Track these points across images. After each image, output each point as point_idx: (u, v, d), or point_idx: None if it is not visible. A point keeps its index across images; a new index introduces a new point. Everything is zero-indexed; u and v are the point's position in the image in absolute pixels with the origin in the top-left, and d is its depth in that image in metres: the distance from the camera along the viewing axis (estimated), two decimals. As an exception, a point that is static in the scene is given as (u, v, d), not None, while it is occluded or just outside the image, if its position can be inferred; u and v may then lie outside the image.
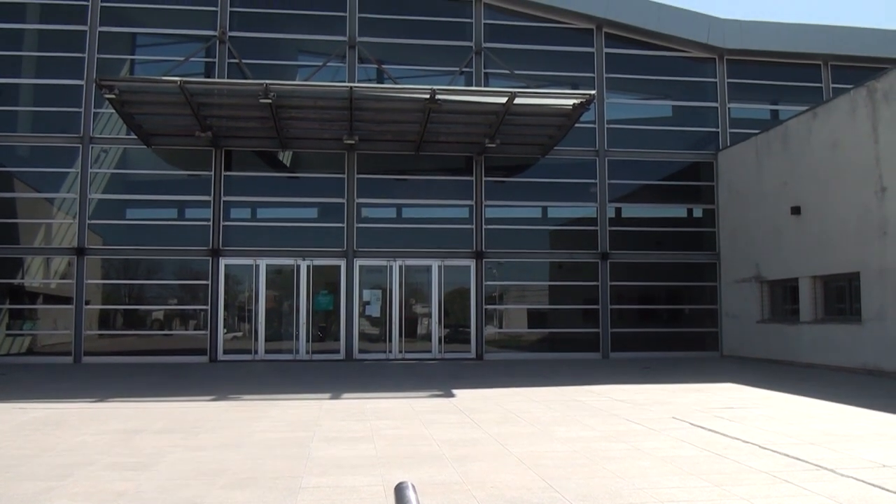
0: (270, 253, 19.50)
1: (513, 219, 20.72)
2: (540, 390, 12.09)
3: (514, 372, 15.84)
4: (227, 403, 10.65)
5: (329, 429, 8.12)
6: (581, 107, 17.39)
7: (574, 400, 10.76)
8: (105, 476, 5.89)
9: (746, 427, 8.17)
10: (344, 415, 9.22)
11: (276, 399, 11.09)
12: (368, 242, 19.81)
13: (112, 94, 16.08)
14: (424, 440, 7.40)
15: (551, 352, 20.21)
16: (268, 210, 20.29)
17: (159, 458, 6.56)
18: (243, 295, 19.60)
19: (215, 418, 8.98)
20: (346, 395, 11.61)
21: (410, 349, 19.67)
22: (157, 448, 7.07)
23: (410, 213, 20.61)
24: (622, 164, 20.82)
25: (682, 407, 9.93)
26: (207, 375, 15.41)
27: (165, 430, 8.18)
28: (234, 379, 14.53)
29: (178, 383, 13.79)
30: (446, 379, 14.29)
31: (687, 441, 7.33)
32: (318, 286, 19.63)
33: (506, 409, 9.66)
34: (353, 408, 9.91)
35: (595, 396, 11.20)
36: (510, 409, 9.74)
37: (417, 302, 20.19)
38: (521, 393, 11.75)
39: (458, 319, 20.21)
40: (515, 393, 11.76)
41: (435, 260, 19.88)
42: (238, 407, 10.22)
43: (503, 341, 20.43)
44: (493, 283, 20.25)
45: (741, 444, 7.18)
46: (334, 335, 19.65)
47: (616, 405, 10.14)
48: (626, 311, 20.70)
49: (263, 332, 19.25)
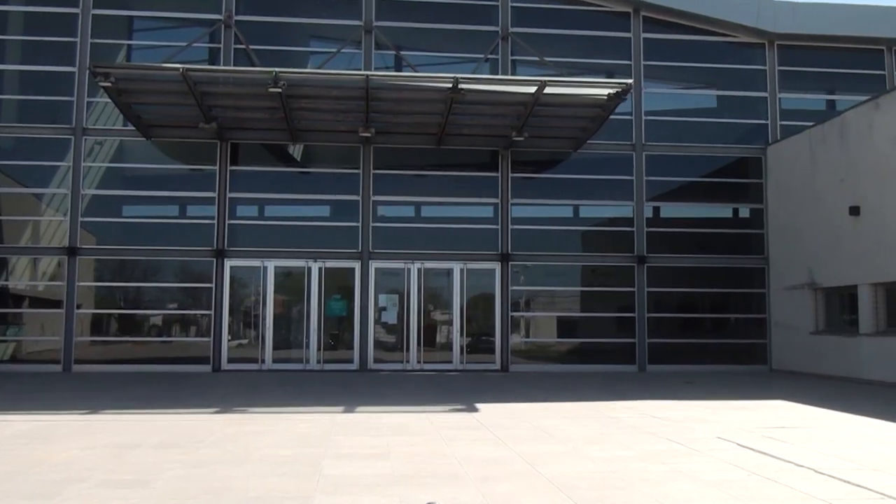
0: (279, 254, 19.55)
1: (541, 219, 20.71)
2: (571, 405, 12.09)
3: (543, 385, 15.85)
4: (232, 416, 10.68)
5: (342, 445, 8.15)
6: (617, 97, 17.33)
7: (608, 416, 10.76)
8: (97, 495, 5.89)
9: (800, 449, 8.08)
10: (358, 430, 9.26)
11: (285, 412, 11.13)
12: (385, 243, 19.81)
13: (108, 82, 16.15)
14: (445, 458, 7.40)
15: (583, 363, 20.13)
16: (277, 208, 20.33)
17: (156, 476, 6.55)
18: (249, 299, 19.67)
19: (218, 432, 9.01)
20: (360, 408, 11.66)
21: (430, 359, 19.69)
22: (153, 464, 7.07)
23: (430, 212, 20.67)
24: (661, 159, 20.75)
25: (728, 425, 9.86)
26: (210, 386, 15.44)
27: (163, 444, 8.19)
28: (239, 390, 14.54)
29: (177, 394, 13.81)
30: (469, 392, 14.30)
31: (733, 463, 7.26)
32: (330, 290, 19.66)
33: (534, 426, 9.68)
34: (368, 422, 9.94)
35: (631, 413, 11.17)
36: (539, 425, 9.76)
37: (437, 308, 20.23)
38: (551, 408, 11.76)
39: (482, 327, 20.24)
40: (544, 408, 11.77)
41: (457, 263, 19.89)
42: (243, 420, 10.25)
43: (530, 352, 20.45)
44: (519, 289, 20.23)
45: (794, 467, 7.10)
46: (347, 343, 19.70)
47: (654, 423, 10.10)
48: (665, 319, 20.60)
49: (271, 339, 19.32)
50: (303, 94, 17.60)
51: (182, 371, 18.48)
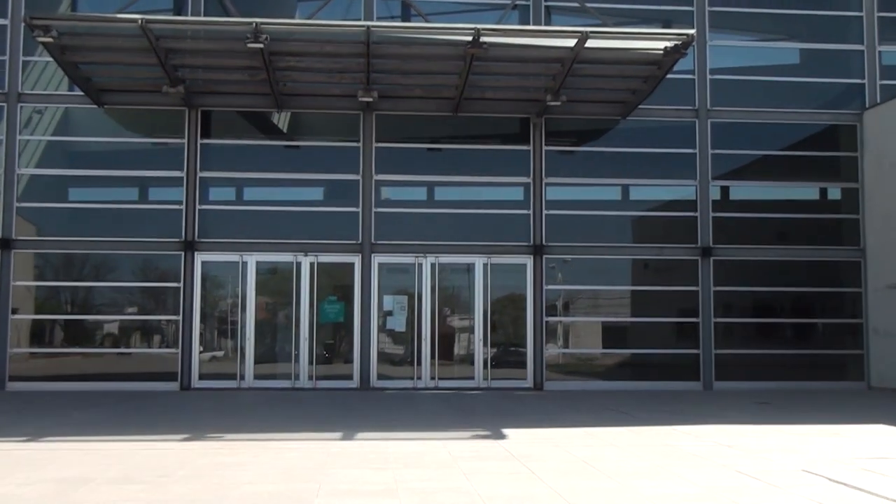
0: (262, 247, 19.57)
1: (583, 202, 20.76)
2: (620, 431, 11.97)
3: (585, 406, 15.77)
4: (205, 445, 10.62)
5: (339, 479, 8.11)
6: (675, 51, 17.19)
7: (666, 444, 10.67)
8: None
9: (907, 485, 8.02)
10: (359, 461, 9.21)
11: (270, 439, 11.04)
12: (391, 233, 19.80)
13: (48, 37, 16.08)
14: (465, 497, 7.34)
15: (634, 380, 20.13)
16: (258, 190, 20.57)
17: (112, 517, 6.51)
18: (226, 302, 19.73)
19: (188, 464, 8.95)
20: (361, 434, 11.61)
21: (446, 375, 19.74)
22: None
23: (446, 195, 20.77)
24: (730, 128, 20.63)
25: (815, 456, 9.70)
26: (178, 407, 15.37)
27: (121, 479, 8.11)
28: (214, 412, 14.49)
29: (138, 418, 13.71)
30: (494, 415, 14.23)
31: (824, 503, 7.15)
32: (324, 291, 19.70)
33: (574, 456, 9.58)
34: (371, 452, 9.88)
35: (694, 440, 11.08)
36: (580, 455, 9.66)
37: (455, 312, 20.30)
38: (595, 434, 11.64)
39: (510, 336, 20.22)
40: (587, 434, 11.65)
41: (479, 256, 19.86)
42: (219, 449, 10.19)
43: (569, 366, 20.44)
44: (556, 288, 20.19)
45: (901, 508, 7.03)
46: (345, 356, 19.79)
47: (723, 452, 9.99)
48: (736, 326, 20.52)
49: (252, 351, 19.39)
50: (289, 51, 17.52)
51: (143, 389, 18.45)
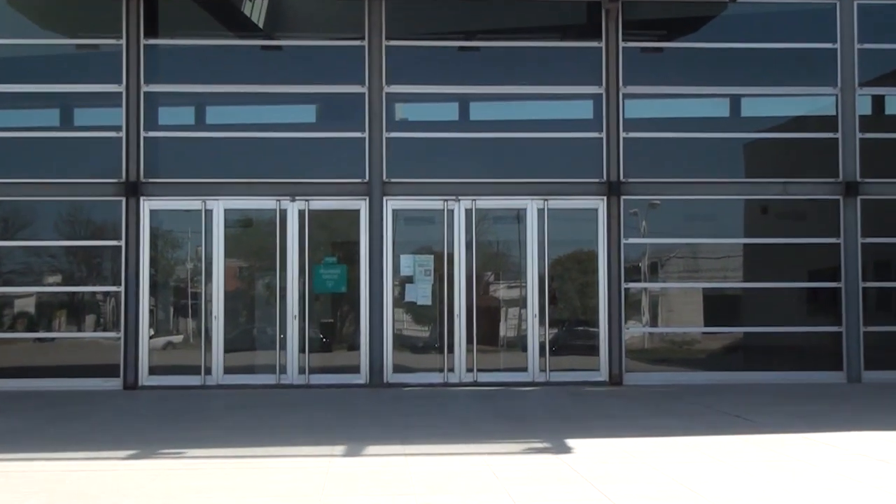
0: (234, 189, 19.48)
1: (675, 121, 20.57)
2: (732, 442, 11.82)
3: (681, 407, 15.71)
4: (158, 464, 10.52)
5: (343, 512, 7.96)
6: None
7: (798, 460, 10.49)
8: None
9: None
10: (369, 485, 9.03)
11: (246, 456, 10.92)
12: (409, 168, 19.77)
13: None
14: (518, 535, 7.21)
15: (749, 370, 19.98)
16: (227, 110, 20.67)
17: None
18: (185, 267, 19.80)
19: (136, 490, 8.80)
20: (371, 447, 11.51)
21: (488, 365, 19.64)
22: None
23: (485, 112, 20.58)
24: (887, 12, 20.25)
25: None
26: (122, 413, 15.35)
27: (46, 511, 7.97)
28: (170, 420, 14.37)
29: (68, 428, 13.64)
30: (555, 420, 14.22)
31: None
32: (319, 250, 19.71)
33: (668, 478, 9.40)
34: (386, 472, 9.72)
35: (835, 453, 10.92)
36: (676, 477, 9.47)
37: (500, 278, 20.28)
38: (697, 447, 11.53)
39: (576, 311, 20.35)
40: (685, 447, 11.56)
41: (532, 199, 19.69)
42: (177, 471, 10.06)
43: (658, 351, 20.41)
44: (639, 242, 20.05)
45: None
46: (349, 340, 19.86)
47: (879, 472, 9.76)
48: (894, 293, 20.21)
49: (222, 335, 19.34)
50: None
51: (75, 389, 18.34)
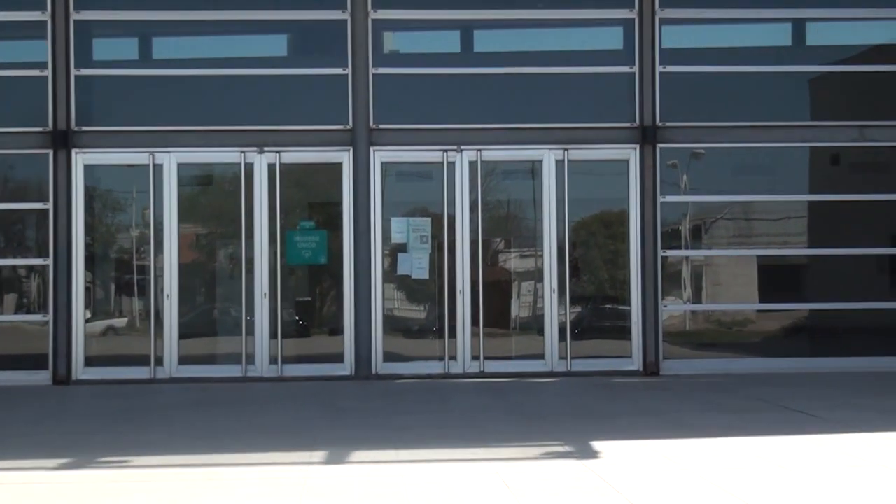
0: (188, 138, 19.11)
1: (723, 51, 19.95)
2: (794, 443, 11.67)
3: (732, 401, 15.61)
4: (96, 476, 10.22)
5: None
6: None
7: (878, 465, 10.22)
8: None
9: None
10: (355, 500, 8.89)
11: (205, 465, 10.76)
12: (402, 111, 19.44)
13: None
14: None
15: (816, 355, 19.60)
16: (179, 42, 20.56)
17: None
18: (128, 235, 19.72)
19: None
20: (358, 454, 11.29)
21: (497, 352, 19.38)
22: None
23: (492, 43, 20.50)
24: None
25: None
26: (52, 414, 15.32)
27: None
28: (112, 421, 14.22)
29: None
30: (578, 418, 14.13)
31: None
32: (293, 211, 19.46)
33: (719, 489, 9.16)
34: (375, 485, 9.59)
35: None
36: (730, 489, 9.16)
37: (511, 246, 20.23)
38: (752, 449, 11.27)
39: (603, 285, 20.27)
40: (738, 449, 11.30)
41: (550, 148, 19.13)
42: (120, 484, 9.82)
43: (703, 333, 20.28)
44: (678, 200, 19.62)
45: None
46: (330, 323, 19.86)
47: None
48: None
49: (175, 318, 19.08)
50: None
51: None
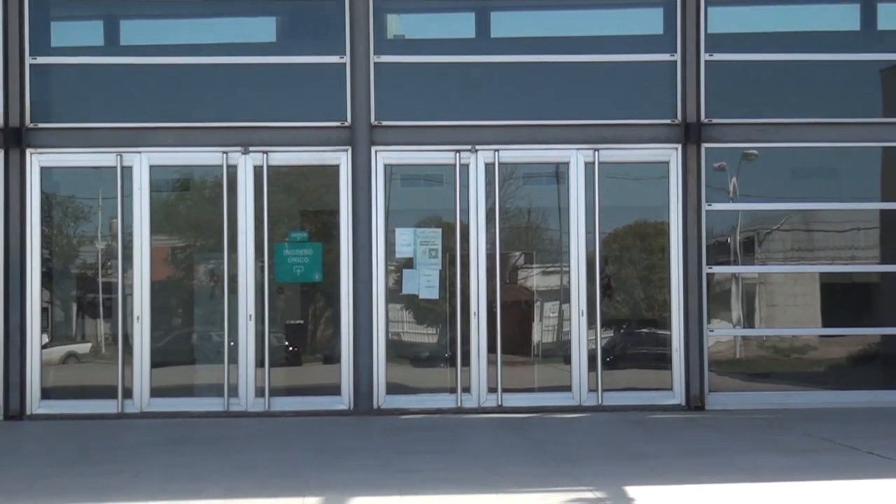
0: (162, 136, 18.47)
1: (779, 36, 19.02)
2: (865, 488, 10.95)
3: (791, 440, 14.98)
4: None
5: None
6: None
7: None
8: None
9: None
10: None
11: None
12: (406, 106, 18.67)
13: None
14: None
15: (890, 387, 18.80)
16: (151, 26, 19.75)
17: None
18: (93, 248, 19.21)
19: None
20: (354, 500, 10.63)
21: (517, 384, 18.72)
22: None
23: (510, 27, 19.70)
24: None
25: None
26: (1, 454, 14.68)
27: None
28: (71, 462, 13.56)
29: None
30: (611, 460, 13.48)
31: None
32: (282, 221, 18.93)
33: None
34: None
35: None
36: None
37: (533, 261, 19.68)
38: (816, 495, 10.75)
39: (639, 307, 19.57)
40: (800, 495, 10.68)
41: (577, 148, 18.46)
42: None
43: (756, 361, 19.51)
44: (727, 208, 18.86)
45: None
46: (325, 350, 19.34)
47: None
48: None
49: (147, 343, 18.42)
50: None
51: None
